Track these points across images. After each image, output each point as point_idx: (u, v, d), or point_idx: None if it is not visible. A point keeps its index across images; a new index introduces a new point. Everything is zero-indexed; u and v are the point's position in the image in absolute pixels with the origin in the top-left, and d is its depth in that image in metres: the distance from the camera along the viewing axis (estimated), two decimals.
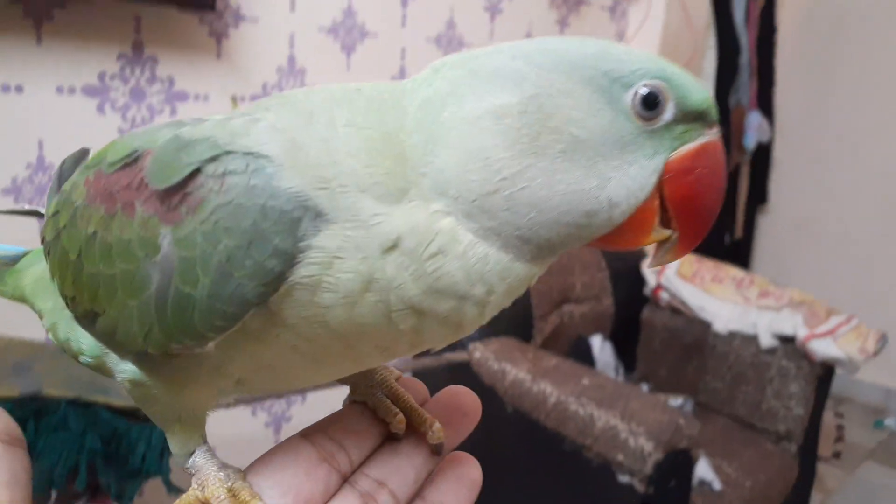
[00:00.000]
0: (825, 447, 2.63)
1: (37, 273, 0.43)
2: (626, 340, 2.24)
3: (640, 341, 2.29)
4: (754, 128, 3.16)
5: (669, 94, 0.31)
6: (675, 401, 2.01)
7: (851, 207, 3.31)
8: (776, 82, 3.38)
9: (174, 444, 0.37)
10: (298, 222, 0.28)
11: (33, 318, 0.44)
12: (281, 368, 0.33)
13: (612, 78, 0.30)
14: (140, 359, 0.34)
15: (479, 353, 1.73)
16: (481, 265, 0.30)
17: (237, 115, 0.32)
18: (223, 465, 0.36)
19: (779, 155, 3.52)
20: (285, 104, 0.33)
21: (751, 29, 3.12)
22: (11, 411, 1.03)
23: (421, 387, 0.40)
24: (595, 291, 2.16)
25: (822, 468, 2.53)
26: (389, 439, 0.38)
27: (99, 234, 0.33)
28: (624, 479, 1.41)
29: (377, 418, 0.38)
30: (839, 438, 2.77)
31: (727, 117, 3.01)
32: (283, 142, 0.30)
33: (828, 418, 2.55)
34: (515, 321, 1.93)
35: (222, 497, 0.34)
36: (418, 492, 0.37)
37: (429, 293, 0.30)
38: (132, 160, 0.33)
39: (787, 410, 1.99)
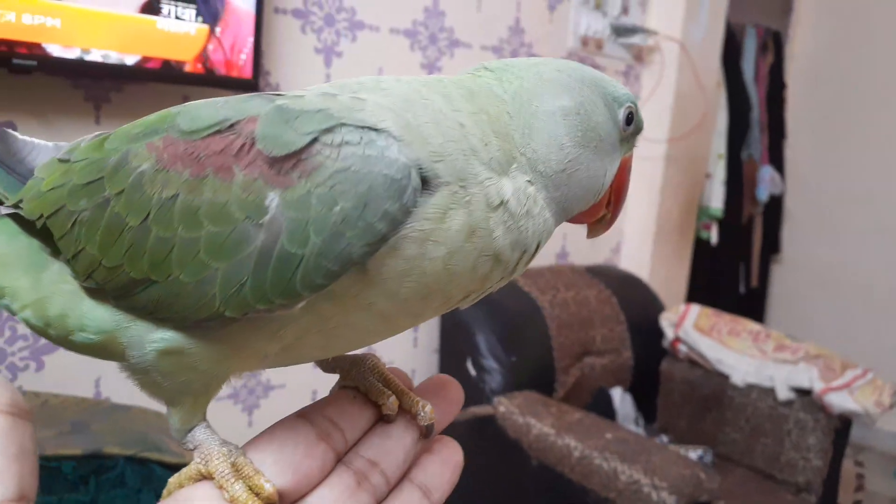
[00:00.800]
0: (845, 496, 2.64)
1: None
2: (645, 392, 2.29)
3: (659, 393, 2.34)
4: (767, 181, 3.24)
5: (635, 115, 0.42)
6: (695, 452, 2.04)
7: (864, 259, 3.37)
8: (787, 136, 3.47)
9: (177, 419, 0.38)
10: (405, 190, 0.32)
11: (83, 375, 0.44)
12: (339, 330, 0.36)
13: (612, 97, 0.41)
14: (189, 327, 0.35)
15: (504, 406, 1.79)
16: (544, 225, 0.38)
17: (334, 92, 0.36)
18: (224, 441, 0.37)
19: (791, 207, 3.59)
20: (376, 90, 0.36)
21: (760, 86, 3.22)
22: (74, 469, 1.11)
23: (406, 377, 0.43)
24: (615, 344, 2.22)
25: None
26: (380, 422, 0.40)
27: (181, 198, 0.34)
28: None
29: (368, 401, 0.40)
30: (859, 488, 2.77)
31: (739, 171, 3.09)
32: (396, 119, 0.34)
33: (847, 467, 2.56)
34: (538, 374, 1.99)
35: (226, 472, 0.35)
36: (406, 473, 0.39)
37: (511, 244, 0.36)
38: (226, 127, 0.35)
39: (805, 462, 2.02)
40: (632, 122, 0.42)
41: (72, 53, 1.28)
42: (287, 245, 0.32)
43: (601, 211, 0.43)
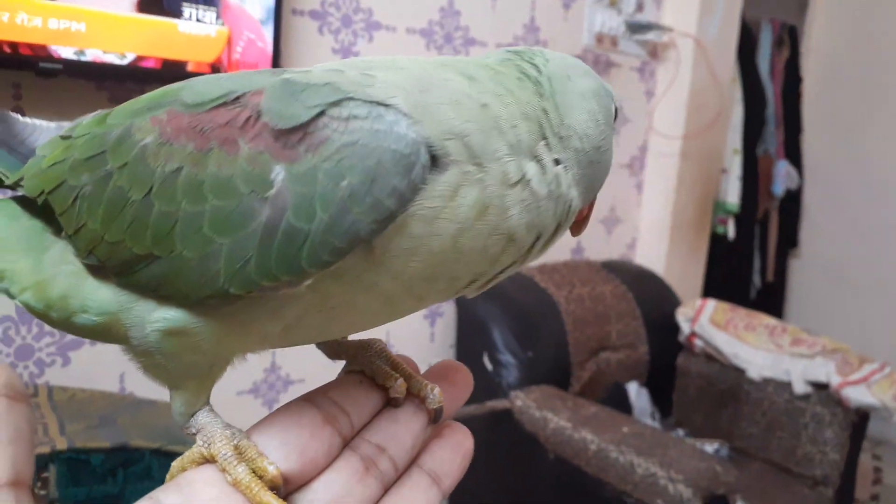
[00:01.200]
0: (862, 490, 2.63)
1: None
2: (661, 387, 2.30)
3: (675, 388, 2.34)
4: (782, 176, 3.23)
5: (618, 112, 0.44)
6: (711, 446, 2.05)
7: (882, 253, 3.35)
8: (803, 130, 3.45)
9: (180, 403, 0.37)
10: (413, 166, 0.31)
11: (108, 371, 0.43)
12: (340, 311, 0.35)
13: (608, 91, 0.41)
14: (192, 305, 0.34)
15: (521, 401, 1.81)
16: (567, 206, 0.37)
17: (343, 69, 0.35)
18: (227, 425, 0.36)
19: (808, 201, 3.57)
20: (389, 68, 0.35)
21: (776, 81, 3.21)
22: (103, 462, 1.14)
23: (413, 362, 0.42)
24: (630, 339, 2.23)
25: None
26: (387, 407, 0.39)
27: (185, 171, 0.33)
28: None
29: (376, 385, 0.39)
30: (877, 481, 2.77)
31: (755, 166, 3.09)
32: (406, 97, 0.33)
33: (865, 461, 2.56)
34: (554, 369, 2.00)
35: (229, 455, 0.34)
36: (414, 459, 0.38)
37: (527, 225, 0.35)
38: (231, 100, 0.34)
39: (822, 455, 2.03)
40: (616, 117, 0.42)
41: (96, 56, 1.31)
42: (293, 220, 0.31)
43: (586, 210, 0.43)
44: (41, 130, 0.43)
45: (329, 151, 0.31)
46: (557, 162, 0.37)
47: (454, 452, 0.39)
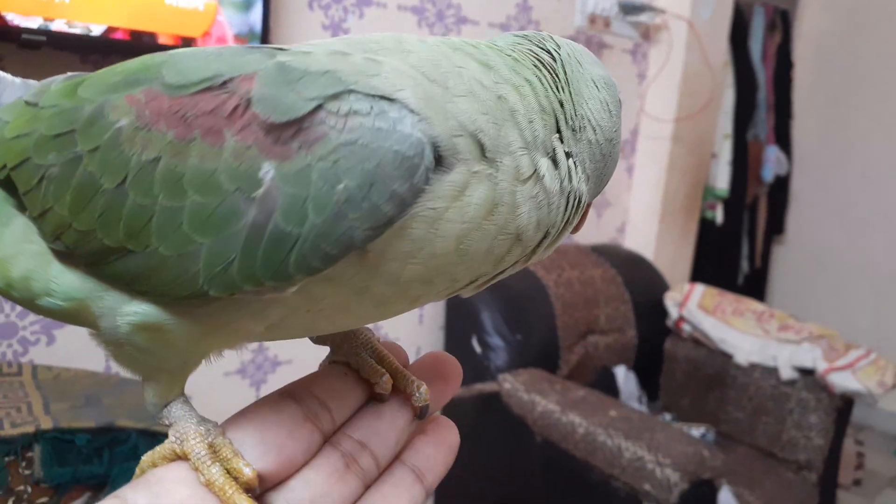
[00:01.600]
0: (845, 475, 2.67)
1: None
2: (649, 371, 2.31)
3: (662, 372, 2.35)
4: (772, 161, 3.23)
5: None
6: (698, 430, 2.06)
7: (868, 240, 3.37)
8: (793, 116, 3.45)
9: (152, 394, 0.35)
10: (417, 169, 0.29)
11: (93, 351, 0.39)
12: (328, 313, 0.33)
13: (613, 81, 0.40)
14: (167, 301, 0.32)
15: (509, 384, 1.80)
16: (577, 203, 0.36)
17: (347, 51, 0.32)
18: (203, 419, 0.34)
19: (796, 187, 3.58)
20: (397, 51, 0.32)
21: (768, 65, 3.21)
22: (89, 441, 1.12)
23: (402, 352, 0.40)
24: (619, 323, 2.23)
25: (842, 496, 2.58)
26: (371, 401, 0.38)
27: (164, 162, 0.30)
28: None
29: (360, 379, 0.38)
30: (859, 466, 2.80)
31: (745, 151, 3.09)
32: (414, 89, 0.30)
33: (848, 446, 2.59)
34: (542, 352, 2.00)
35: (203, 454, 0.32)
36: (398, 454, 0.37)
37: (536, 223, 0.33)
38: (217, 84, 0.31)
39: (807, 440, 2.04)
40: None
41: (80, 29, 1.28)
42: (282, 223, 0.28)
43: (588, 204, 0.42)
44: (4, 84, 0.40)
45: (325, 150, 0.28)
46: (569, 155, 0.35)
47: (438, 448, 0.38)
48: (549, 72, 0.36)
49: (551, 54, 0.37)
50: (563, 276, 2.14)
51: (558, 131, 0.35)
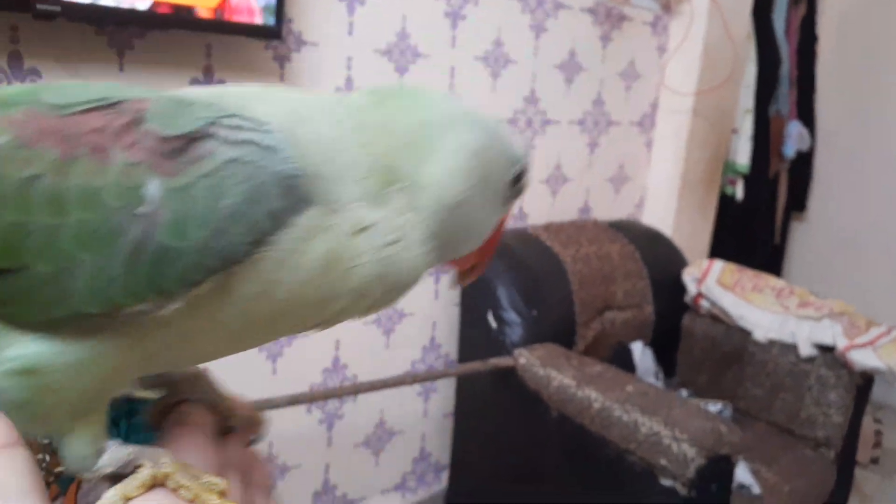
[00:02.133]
0: (863, 453, 2.65)
1: None
2: (666, 347, 2.29)
3: (680, 348, 2.34)
4: (794, 137, 3.18)
5: (523, 177, 0.42)
6: (715, 406, 2.05)
7: (892, 218, 3.31)
8: (817, 91, 3.39)
9: (78, 448, 0.33)
10: (294, 190, 0.31)
11: None
12: (193, 344, 0.33)
13: (510, 152, 0.40)
14: (48, 332, 0.31)
15: (525, 358, 1.80)
16: (415, 260, 0.36)
17: (222, 95, 0.34)
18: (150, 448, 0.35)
19: (819, 164, 3.53)
20: (264, 101, 0.35)
21: (791, 39, 3.14)
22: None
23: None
24: (636, 299, 2.22)
25: (859, 474, 2.56)
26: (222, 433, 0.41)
27: (45, 180, 0.30)
28: (667, 483, 1.47)
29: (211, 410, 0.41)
30: (877, 444, 2.78)
31: (767, 126, 3.04)
32: (282, 124, 0.33)
33: (866, 424, 2.56)
34: (558, 328, 1.99)
35: (183, 473, 0.33)
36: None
37: (376, 279, 0.35)
38: (106, 105, 0.31)
39: (825, 418, 2.02)
40: (519, 183, 0.41)
41: None
42: (166, 238, 0.29)
43: (473, 260, 0.43)
44: None
45: (211, 167, 0.30)
46: (413, 211, 0.36)
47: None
48: (399, 127, 0.37)
49: (408, 112, 0.38)
50: (581, 252, 2.12)
51: (402, 185, 0.36)
